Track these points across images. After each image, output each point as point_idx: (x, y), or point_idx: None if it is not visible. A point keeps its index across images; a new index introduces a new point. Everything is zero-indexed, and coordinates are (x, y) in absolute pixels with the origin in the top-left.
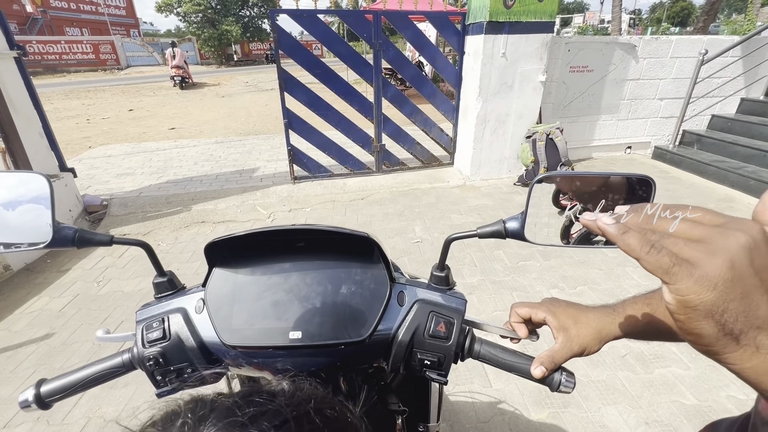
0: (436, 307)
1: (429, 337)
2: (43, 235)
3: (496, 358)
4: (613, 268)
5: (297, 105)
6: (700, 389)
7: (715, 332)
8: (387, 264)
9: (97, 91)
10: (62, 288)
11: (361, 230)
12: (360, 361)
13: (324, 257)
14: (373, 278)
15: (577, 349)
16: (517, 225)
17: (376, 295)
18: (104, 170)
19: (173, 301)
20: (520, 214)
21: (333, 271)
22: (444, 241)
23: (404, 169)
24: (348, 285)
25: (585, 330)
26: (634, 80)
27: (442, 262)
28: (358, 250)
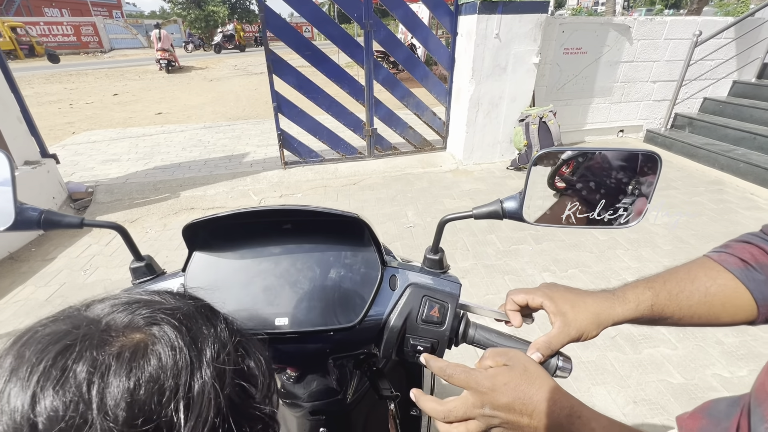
0: (430, 291)
1: (422, 322)
2: (3, 218)
3: (490, 342)
4: (604, 251)
5: (286, 88)
6: (687, 368)
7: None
8: (378, 247)
9: (79, 75)
10: (48, 277)
11: (351, 211)
12: (350, 347)
13: (312, 240)
14: (364, 262)
15: (575, 334)
16: (515, 205)
17: (367, 279)
18: (89, 156)
19: (152, 287)
20: (518, 194)
21: (321, 255)
22: (438, 223)
23: (396, 153)
24: (337, 269)
25: (582, 315)
26: (628, 62)
27: (435, 245)
28: (348, 233)
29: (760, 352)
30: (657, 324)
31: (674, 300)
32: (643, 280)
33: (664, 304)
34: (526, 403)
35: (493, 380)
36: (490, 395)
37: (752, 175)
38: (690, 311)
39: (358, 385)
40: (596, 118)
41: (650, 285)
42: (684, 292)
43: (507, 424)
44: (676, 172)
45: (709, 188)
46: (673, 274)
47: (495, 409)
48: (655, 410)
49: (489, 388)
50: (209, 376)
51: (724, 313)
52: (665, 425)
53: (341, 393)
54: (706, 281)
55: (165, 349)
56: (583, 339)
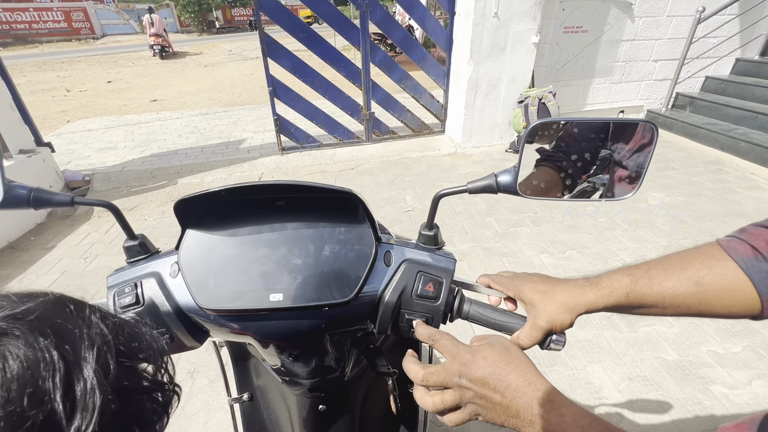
0: (425, 266)
1: (417, 297)
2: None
3: (485, 318)
4: (602, 232)
5: (282, 72)
6: (682, 345)
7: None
8: (372, 223)
9: (72, 62)
10: (48, 265)
11: (344, 186)
12: (346, 323)
13: (306, 216)
14: (358, 238)
15: (546, 325)
16: (510, 179)
17: (362, 255)
18: (84, 145)
19: (146, 266)
20: (513, 167)
21: (315, 231)
22: (432, 198)
23: (394, 137)
24: (331, 245)
25: (550, 305)
26: (630, 41)
27: (430, 221)
28: (342, 209)
29: (755, 329)
30: (640, 313)
31: (656, 288)
32: (626, 267)
33: (643, 293)
34: (501, 379)
35: (474, 353)
36: (469, 366)
37: (753, 154)
38: (676, 300)
39: (356, 362)
40: (596, 98)
41: (630, 272)
42: (670, 280)
43: (480, 399)
44: (675, 153)
45: (708, 168)
46: (663, 261)
47: (471, 382)
48: (650, 386)
49: (469, 360)
50: (90, 368)
51: (717, 304)
52: (659, 401)
53: (339, 370)
54: (700, 269)
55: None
56: (559, 328)
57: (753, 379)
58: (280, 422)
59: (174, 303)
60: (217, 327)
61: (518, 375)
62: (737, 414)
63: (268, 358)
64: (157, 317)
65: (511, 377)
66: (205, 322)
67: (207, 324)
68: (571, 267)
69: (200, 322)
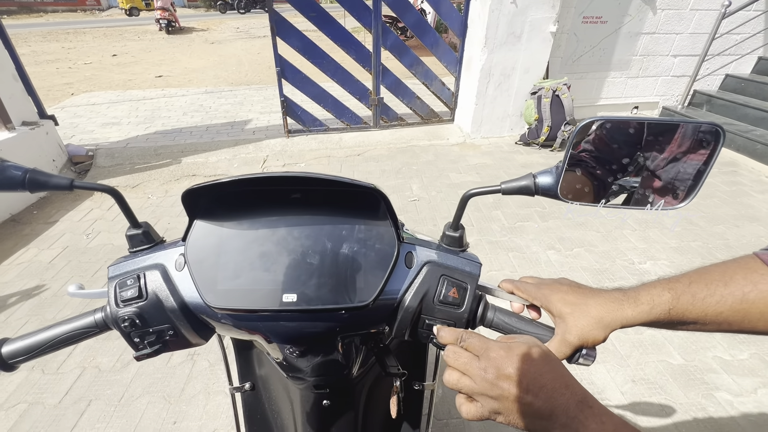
0: (448, 270)
1: (439, 303)
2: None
3: (509, 327)
4: (611, 231)
5: (291, 52)
6: (688, 350)
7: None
8: (395, 221)
9: (77, 33)
10: (50, 240)
11: (367, 181)
12: (361, 327)
13: (323, 212)
14: (379, 237)
15: (576, 341)
16: (551, 180)
17: (382, 255)
18: (88, 119)
19: (150, 256)
20: (554, 168)
21: (333, 228)
22: (461, 198)
23: (403, 124)
24: (350, 244)
25: (582, 320)
26: (649, 34)
27: (456, 221)
28: (362, 205)
29: (763, 337)
30: (677, 329)
31: (699, 305)
32: (665, 280)
33: (686, 309)
34: (536, 379)
35: (508, 350)
36: (500, 362)
37: None
38: (719, 318)
39: (364, 361)
40: (611, 93)
41: (671, 286)
42: (713, 296)
43: (506, 400)
44: None
45: (722, 169)
46: (703, 275)
47: (499, 379)
48: (653, 390)
49: (502, 356)
50: None
51: (761, 321)
52: (662, 404)
53: (347, 369)
54: (744, 285)
55: None
56: (591, 344)
57: (759, 388)
58: (282, 414)
59: (179, 298)
60: (224, 325)
61: (555, 376)
62: (741, 422)
63: (273, 352)
64: (161, 312)
65: (547, 377)
66: (212, 320)
67: (213, 322)
68: (578, 264)
69: (206, 319)
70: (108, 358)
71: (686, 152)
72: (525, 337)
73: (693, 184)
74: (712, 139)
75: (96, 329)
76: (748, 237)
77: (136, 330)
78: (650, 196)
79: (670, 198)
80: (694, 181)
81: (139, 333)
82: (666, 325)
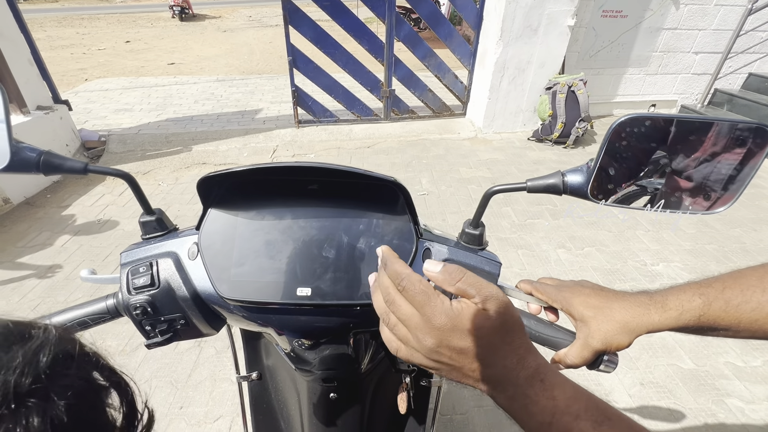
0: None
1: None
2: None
3: (528, 330)
4: (623, 231)
5: (303, 42)
6: (699, 354)
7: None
8: (414, 216)
9: (91, 19)
10: (63, 224)
11: (387, 175)
12: (375, 323)
13: (340, 204)
14: (397, 232)
15: (600, 346)
16: (581, 179)
17: (400, 251)
18: (101, 105)
19: (163, 244)
20: (584, 166)
21: (350, 222)
22: (483, 194)
23: (414, 117)
24: (367, 238)
25: (607, 325)
26: (671, 30)
27: (477, 218)
28: (381, 198)
29: None
30: (706, 334)
31: (733, 312)
32: (695, 284)
33: (718, 316)
34: (485, 351)
35: (456, 320)
36: (446, 334)
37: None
38: (753, 325)
39: (373, 356)
40: (628, 90)
41: (702, 291)
42: (749, 302)
43: (445, 365)
44: None
45: None
46: (738, 279)
47: (440, 347)
48: (662, 393)
49: (448, 328)
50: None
51: None
52: (670, 409)
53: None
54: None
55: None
56: (615, 349)
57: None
58: (288, 404)
59: (191, 287)
60: (235, 317)
61: (508, 348)
62: (752, 430)
63: (282, 344)
64: (173, 301)
65: (499, 351)
66: (224, 311)
67: (225, 312)
68: (588, 264)
69: (218, 310)
70: (117, 341)
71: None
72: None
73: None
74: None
75: (108, 315)
76: (766, 241)
77: (148, 318)
78: (685, 198)
79: (701, 200)
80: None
81: (151, 321)
82: (695, 331)
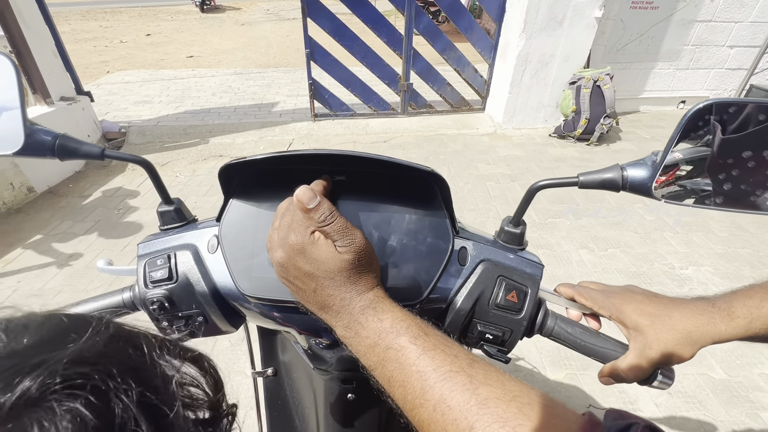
0: (506, 270)
1: (496, 307)
2: (12, 139)
3: (573, 338)
4: (650, 232)
5: (320, 34)
6: (732, 365)
7: None
8: (451, 212)
9: (114, 12)
10: (84, 213)
11: (426, 165)
12: None
13: (370, 197)
14: (432, 228)
15: (658, 358)
16: (645, 174)
17: (435, 249)
18: (122, 97)
19: (182, 236)
20: (648, 159)
21: (381, 216)
22: (528, 189)
23: (431, 112)
24: (399, 234)
25: (667, 334)
26: (705, 22)
27: (518, 216)
28: (415, 191)
29: None
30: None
31: None
32: (759, 287)
33: None
34: (328, 282)
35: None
36: (295, 253)
37: None
38: None
39: None
40: (656, 85)
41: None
42: None
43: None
44: None
45: None
46: None
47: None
48: (691, 404)
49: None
50: None
51: None
52: (700, 420)
53: None
54: None
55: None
56: (675, 362)
57: None
58: (303, 402)
59: (210, 283)
60: (256, 314)
61: (352, 287)
62: None
63: (302, 342)
64: (191, 296)
65: (343, 288)
66: (244, 308)
67: (245, 310)
68: (612, 266)
69: (238, 307)
70: None
71: None
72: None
73: None
74: None
75: (124, 309)
76: None
77: (165, 314)
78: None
79: None
80: None
81: (168, 317)
82: (764, 339)
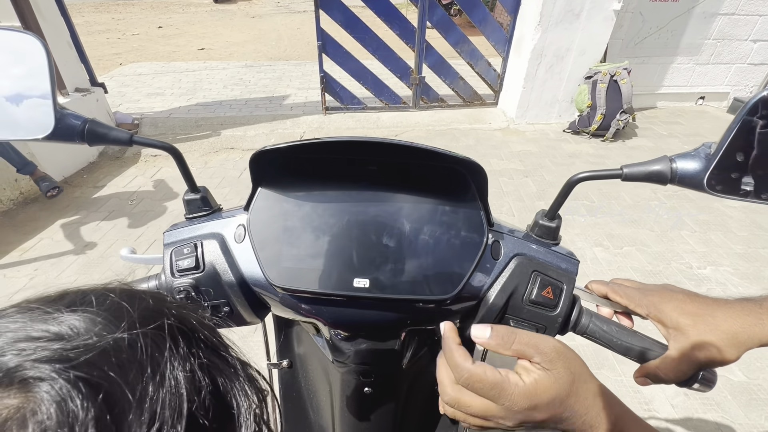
0: (541, 266)
1: (530, 303)
2: (42, 122)
3: (608, 337)
4: (666, 231)
5: (332, 26)
6: (752, 367)
7: None
8: (485, 204)
9: (126, 5)
10: (98, 204)
11: (465, 155)
12: (434, 321)
13: (402, 188)
14: (466, 221)
15: (702, 359)
16: (697, 166)
17: (468, 243)
18: (135, 89)
19: (208, 225)
20: (700, 151)
21: (413, 207)
22: (566, 182)
23: (443, 106)
24: (432, 227)
25: (711, 335)
26: (728, 15)
27: (554, 209)
28: (449, 183)
29: None
30: None
31: None
32: None
33: None
34: (564, 412)
35: (535, 398)
36: (529, 412)
37: None
38: None
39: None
40: (675, 80)
41: None
42: None
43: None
44: None
45: None
46: None
47: (527, 421)
48: (708, 406)
49: (529, 407)
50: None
51: None
52: (718, 423)
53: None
54: None
55: None
56: (719, 365)
57: None
58: (319, 394)
59: (237, 272)
60: (283, 306)
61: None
62: None
63: (325, 332)
64: (217, 286)
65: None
66: (270, 299)
67: (272, 301)
68: (627, 264)
69: (264, 298)
70: None
71: None
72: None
73: None
74: None
75: None
76: None
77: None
78: None
79: None
80: None
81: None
82: None
